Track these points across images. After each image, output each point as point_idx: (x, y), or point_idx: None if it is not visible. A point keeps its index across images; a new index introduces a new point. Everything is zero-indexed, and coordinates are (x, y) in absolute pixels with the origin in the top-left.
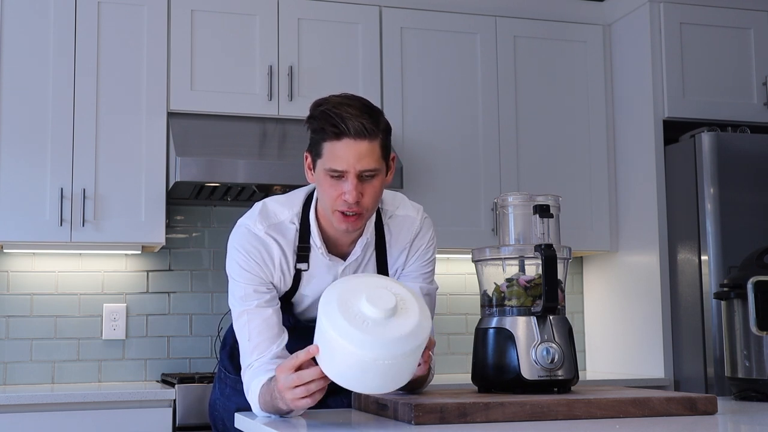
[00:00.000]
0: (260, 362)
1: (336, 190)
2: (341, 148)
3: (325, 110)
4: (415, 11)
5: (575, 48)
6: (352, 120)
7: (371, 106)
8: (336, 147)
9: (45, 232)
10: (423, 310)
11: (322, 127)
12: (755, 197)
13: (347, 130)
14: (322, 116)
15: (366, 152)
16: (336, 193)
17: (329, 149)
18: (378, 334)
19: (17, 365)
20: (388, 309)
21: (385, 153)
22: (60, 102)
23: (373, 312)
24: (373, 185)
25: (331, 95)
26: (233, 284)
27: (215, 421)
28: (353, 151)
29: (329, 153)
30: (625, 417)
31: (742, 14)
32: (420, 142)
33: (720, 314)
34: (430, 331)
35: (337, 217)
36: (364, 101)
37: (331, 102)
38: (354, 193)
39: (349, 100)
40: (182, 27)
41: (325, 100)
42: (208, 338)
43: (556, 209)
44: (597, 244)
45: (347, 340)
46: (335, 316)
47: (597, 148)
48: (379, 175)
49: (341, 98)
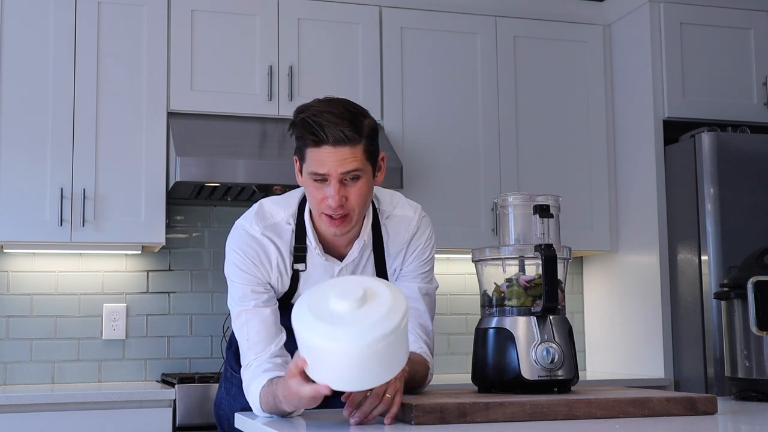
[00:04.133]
0: (258, 362)
1: (320, 193)
2: (321, 154)
3: (305, 118)
4: (415, 11)
5: (575, 48)
6: (331, 128)
7: (354, 111)
8: (317, 153)
9: (45, 232)
10: (392, 288)
11: (302, 135)
12: (755, 197)
13: (326, 138)
14: (302, 124)
15: (347, 156)
16: (320, 197)
17: (311, 155)
18: (359, 323)
19: (17, 365)
20: (359, 297)
21: (369, 156)
22: (60, 102)
23: (345, 305)
24: (357, 187)
25: (315, 100)
26: (231, 285)
27: (221, 420)
28: (333, 156)
29: (311, 158)
30: (625, 417)
31: (742, 14)
32: (420, 142)
33: (720, 314)
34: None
35: (324, 220)
36: (347, 105)
37: (311, 109)
38: (336, 197)
39: (331, 106)
40: (182, 27)
41: (307, 107)
42: (208, 338)
43: (556, 209)
44: (597, 244)
45: (333, 340)
46: (312, 324)
47: (597, 148)
48: (363, 176)
49: (323, 104)
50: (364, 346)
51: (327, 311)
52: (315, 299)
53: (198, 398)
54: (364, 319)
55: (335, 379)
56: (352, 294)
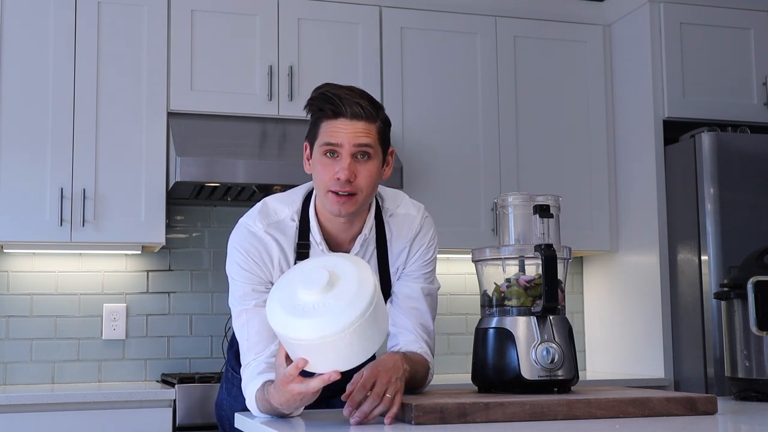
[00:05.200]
0: (257, 362)
1: (330, 170)
2: (337, 126)
3: (324, 92)
4: (415, 11)
5: (575, 48)
6: (350, 101)
7: (371, 97)
8: (332, 124)
9: (45, 232)
10: (358, 264)
11: (320, 107)
12: (755, 197)
13: (344, 111)
14: (320, 97)
15: (362, 130)
16: (330, 173)
17: (325, 127)
18: (332, 309)
19: (17, 365)
20: (325, 284)
21: (382, 139)
22: (60, 102)
23: (314, 294)
24: (367, 167)
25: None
26: (233, 283)
27: (222, 420)
28: (349, 128)
29: (325, 130)
30: (625, 417)
31: (742, 14)
32: (420, 142)
33: (720, 314)
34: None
35: (330, 198)
36: (365, 92)
37: (330, 85)
38: (347, 170)
39: (350, 87)
40: (182, 27)
41: (326, 84)
42: (208, 338)
43: (556, 209)
44: (597, 244)
45: (313, 332)
46: (288, 321)
47: (597, 148)
48: (374, 158)
49: (342, 86)
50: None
51: (299, 305)
52: (284, 294)
53: (198, 398)
54: (338, 303)
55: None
56: (318, 281)
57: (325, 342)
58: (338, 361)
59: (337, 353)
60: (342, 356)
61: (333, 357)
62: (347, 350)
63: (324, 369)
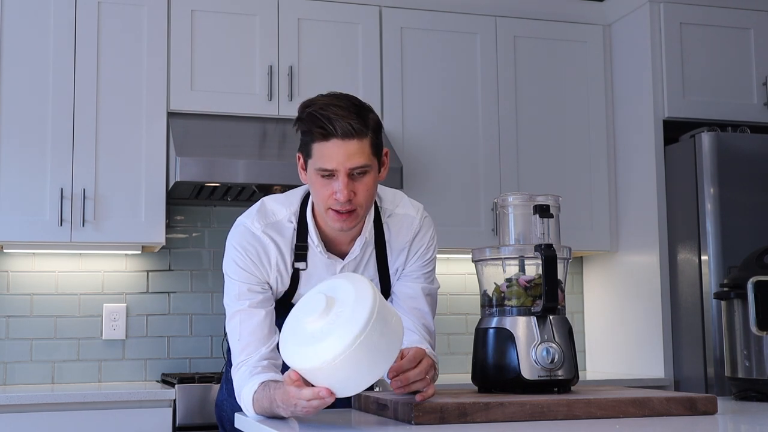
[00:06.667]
0: (247, 364)
1: (327, 189)
2: (330, 148)
3: (312, 112)
4: (415, 11)
5: (575, 48)
6: (339, 121)
7: (359, 105)
8: (324, 147)
9: (45, 232)
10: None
11: (309, 129)
12: (755, 197)
13: (335, 131)
14: (309, 118)
15: (355, 151)
16: (328, 193)
17: (318, 149)
18: (336, 330)
19: (17, 365)
20: (323, 308)
21: (375, 150)
22: (60, 102)
23: (316, 320)
24: (364, 182)
25: (319, 95)
26: (229, 282)
27: (222, 420)
28: (342, 150)
29: (318, 153)
30: (625, 417)
31: (742, 14)
32: (420, 142)
33: (720, 314)
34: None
35: (331, 215)
36: (352, 100)
37: (318, 103)
38: (345, 191)
39: (337, 99)
40: (182, 27)
41: (313, 102)
42: (208, 338)
43: (556, 209)
44: (597, 244)
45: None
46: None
47: (597, 149)
48: (370, 171)
49: (328, 98)
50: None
51: (306, 335)
52: (293, 328)
53: (198, 398)
54: (338, 323)
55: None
56: (317, 307)
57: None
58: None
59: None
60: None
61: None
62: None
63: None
